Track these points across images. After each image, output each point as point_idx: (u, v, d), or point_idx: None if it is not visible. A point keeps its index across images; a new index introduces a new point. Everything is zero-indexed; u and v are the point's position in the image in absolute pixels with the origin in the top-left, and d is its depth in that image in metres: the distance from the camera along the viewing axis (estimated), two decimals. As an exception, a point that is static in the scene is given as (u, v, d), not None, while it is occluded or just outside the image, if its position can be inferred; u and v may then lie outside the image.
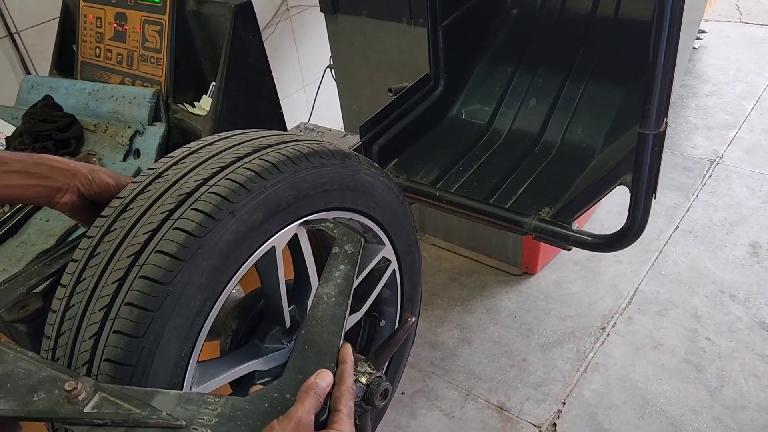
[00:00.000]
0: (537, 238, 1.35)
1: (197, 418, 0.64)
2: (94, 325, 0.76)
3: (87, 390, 0.65)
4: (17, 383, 0.69)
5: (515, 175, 1.53)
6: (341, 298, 0.84)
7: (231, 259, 0.80)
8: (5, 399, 0.67)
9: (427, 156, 1.64)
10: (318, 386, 0.67)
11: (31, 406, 0.66)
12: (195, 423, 0.63)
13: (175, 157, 0.89)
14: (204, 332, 0.81)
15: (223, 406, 0.65)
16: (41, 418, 0.66)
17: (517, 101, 1.70)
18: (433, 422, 2.11)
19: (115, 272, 0.77)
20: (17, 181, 0.88)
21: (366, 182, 1.01)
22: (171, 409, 0.65)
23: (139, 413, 0.64)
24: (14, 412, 0.65)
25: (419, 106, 1.68)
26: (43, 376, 0.69)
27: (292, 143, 0.91)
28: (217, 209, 0.78)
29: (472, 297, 2.62)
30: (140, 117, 1.22)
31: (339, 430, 0.65)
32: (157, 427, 0.63)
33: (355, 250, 0.92)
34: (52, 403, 0.65)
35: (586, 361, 2.25)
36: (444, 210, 1.49)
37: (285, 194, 0.85)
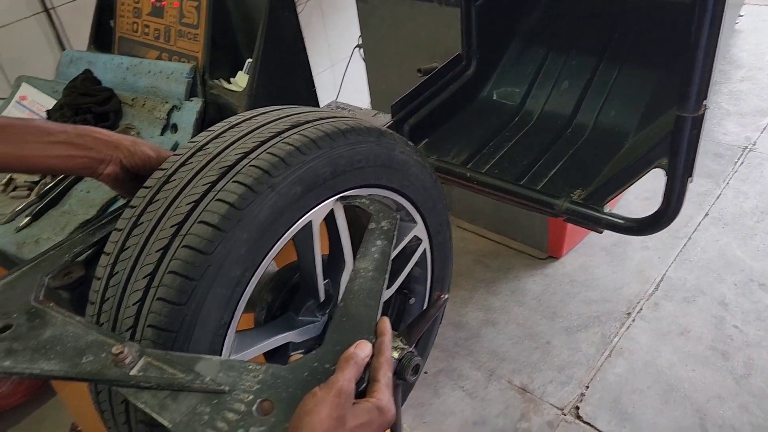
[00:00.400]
0: (568, 220, 1.35)
1: (239, 385, 0.66)
2: (138, 292, 0.78)
3: (133, 354, 0.68)
4: (66, 346, 0.71)
5: (546, 157, 1.52)
6: (378, 273, 0.86)
7: (270, 232, 0.82)
8: (55, 360, 0.69)
9: (457, 136, 1.64)
10: (358, 356, 0.69)
11: (80, 367, 0.68)
12: (237, 389, 0.65)
13: (215, 131, 0.90)
14: (243, 303, 0.83)
15: (264, 373, 0.67)
16: (89, 379, 0.68)
17: (550, 83, 1.68)
18: (456, 401, 2.13)
19: (159, 241, 0.78)
20: (62, 152, 0.90)
21: (401, 160, 1.01)
22: (214, 375, 0.67)
23: (183, 377, 0.66)
24: (65, 372, 0.68)
25: (451, 86, 1.67)
26: (91, 340, 0.72)
27: (329, 119, 0.92)
28: (257, 182, 0.79)
29: (497, 279, 2.63)
30: (177, 92, 1.23)
31: (378, 399, 0.67)
32: (200, 392, 0.65)
33: (392, 227, 0.93)
34: (99, 365, 0.68)
35: (611, 345, 2.25)
36: (474, 191, 1.49)
37: (323, 170, 0.86)
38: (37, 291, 0.83)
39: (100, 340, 0.72)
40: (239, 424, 0.62)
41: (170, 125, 1.23)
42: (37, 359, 0.70)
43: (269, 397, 0.64)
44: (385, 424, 0.67)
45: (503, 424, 2.03)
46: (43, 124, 0.91)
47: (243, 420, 0.62)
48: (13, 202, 1.19)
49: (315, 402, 0.61)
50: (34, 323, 0.76)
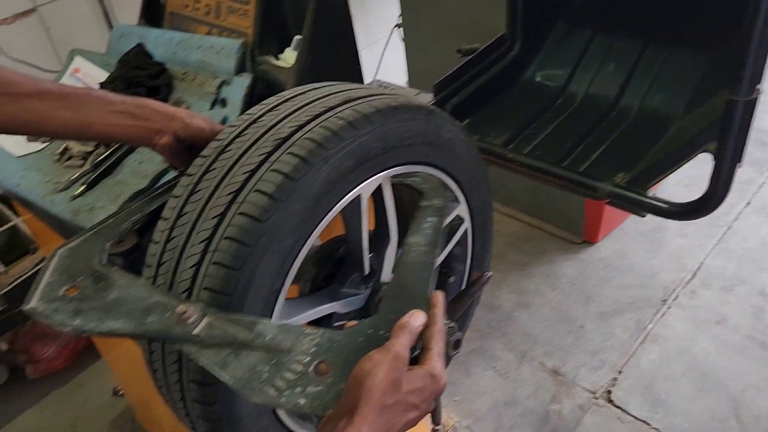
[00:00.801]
0: (611, 203, 1.34)
1: (297, 347, 0.69)
2: (195, 256, 0.81)
3: (196, 314, 0.71)
4: (131, 306, 0.75)
5: (589, 139, 1.51)
6: (430, 248, 0.87)
7: (322, 203, 0.84)
8: (122, 320, 0.73)
9: (499, 117, 1.64)
10: (412, 325, 0.71)
11: (146, 326, 0.72)
12: (294, 350, 0.68)
13: (269, 104, 0.92)
14: (293, 271, 0.85)
15: (321, 336, 0.70)
16: (156, 337, 0.71)
17: (594, 65, 1.67)
18: (487, 381, 2.15)
19: (216, 208, 0.81)
20: (122, 120, 0.93)
21: (448, 139, 1.02)
22: (273, 336, 0.70)
23: (246, 336, 0.69)
24: (132, 330, 0.71)
25: (494, 67, 1.67)
26: (154, 301, 0.75)
27: (380, 96, 0.94)
28: (311, 154, 0.81)
29: (531, 262, 2.63)
30: (227, 67, 1.26)
31: (432, 367, 0.69)
32: (261, 350, 0.67)
33: (443, 204, 0.95)
34: (165, 324, 0.71)
35: (645, 331, 2.24)
36: (515, 172, 1.50)
37: (374, 145, 0.88)
38: (99, 256, 0.86)
39: (163, 301, 0.75)
40: (297, 383, 0.64)
41: (219, 100, 1.26)
42: (104, 319, 0.73)
43: (325, 360, 0.67)
44: (437, 391, 0.69)
45: (534, 405, 2.05)
46: (103, 93, 0.94)
47: (300, 380, 0.65)
48: (68, 171, 1.24)
49: (372, 364, 0.63)
50: (99, 285, 0.79)
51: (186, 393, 0.85)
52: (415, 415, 0.67)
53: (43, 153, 1.30)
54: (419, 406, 0.67)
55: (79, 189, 1.16)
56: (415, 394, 0.65)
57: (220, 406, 0.84)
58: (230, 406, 0.85)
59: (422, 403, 0.67)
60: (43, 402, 2.31)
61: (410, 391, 0.65)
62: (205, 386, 0.82)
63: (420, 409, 0.67)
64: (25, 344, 2.31)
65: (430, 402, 0.69)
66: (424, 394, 0.66)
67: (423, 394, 0.66)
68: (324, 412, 0.64)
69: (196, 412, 0.85)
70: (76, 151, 1.26)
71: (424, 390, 0.66)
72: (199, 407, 0.84)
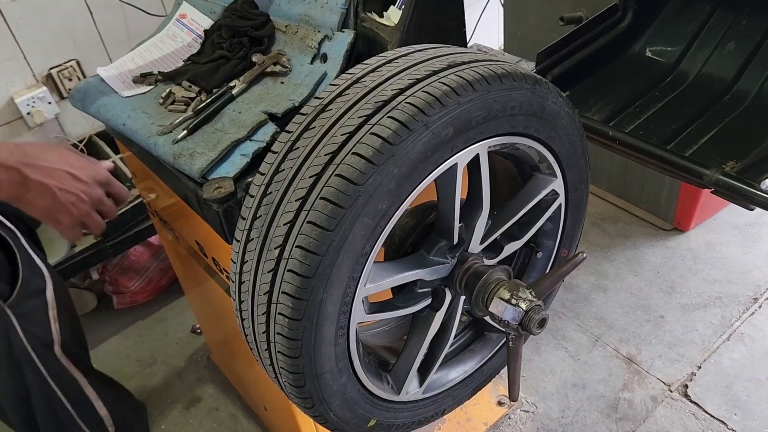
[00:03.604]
0: (716, 192, 1.26)
1: None
2: (290, 214, 0.82)
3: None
4: None
5: (699, 122, 1.42)
6: None
7: (419, 169, 0.83)
8: None
9: (601, 92, 1.56)
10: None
11: None
12: None
13: (371, 65, 0.91)
14: (384, 236, 0.85)
15: None
16: None
17: (712, 43, 1.55)
18: (557, 361, 2.12)
19: (313, 167, 0.81)
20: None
21: (552, 111, 0.99)
22: None
23: None
24: None
25: (601, 37, 1.59)
26: None
27: (485, 62, 0.91)
28: (412, 119, 0.80)
29: (614, 245, 2.54)
30: (330, 22, 1.24)
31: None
32: None
33: None
34: None
35: (731, 329, 2.14)
36: (614, 150, 1.43)
37: (476, 113, 0.86)
38: None
39: None
40: None
41: (320, 55, 1.25)
42: None
43: None
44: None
45: (604, 390, 2.00)
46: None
47: None
48: (171, 115, 1.27)
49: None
50: None
51: (272, 344, 0.87)
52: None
53: (149, 95, 1.34)
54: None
55: (181, 133, 1.19)
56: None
57: (304, 360, 0.86)
58: (313, 360, 0.87)
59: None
60: (127, 331, 2.45)
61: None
62: (291, 340, 0.84)
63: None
64: (113, 276, 2.45)
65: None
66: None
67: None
68: None
69: (281, 363, 0.87)
70: (179, 95, 1.29)
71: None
72: (284, 359, 0.86)
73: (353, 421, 1.00)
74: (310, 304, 0.81)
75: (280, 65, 1.28)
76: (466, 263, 1.02)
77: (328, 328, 0.86)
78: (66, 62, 2.26)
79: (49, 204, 0.87)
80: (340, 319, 0.87)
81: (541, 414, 1.97)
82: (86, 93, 1.40)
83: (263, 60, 1.30)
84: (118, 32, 2.33)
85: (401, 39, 1.16)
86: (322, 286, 0.81)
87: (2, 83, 2.16)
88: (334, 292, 0.83)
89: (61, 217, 0.89)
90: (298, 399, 0.92)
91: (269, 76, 1.28)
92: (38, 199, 0.86)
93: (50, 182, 0.87)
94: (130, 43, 2.31)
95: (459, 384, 1.22)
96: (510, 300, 0.96)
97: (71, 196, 0.89)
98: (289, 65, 1.28)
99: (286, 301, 0.81)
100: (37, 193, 0.85)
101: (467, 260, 1.02)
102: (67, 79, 2.26)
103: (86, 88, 1.41)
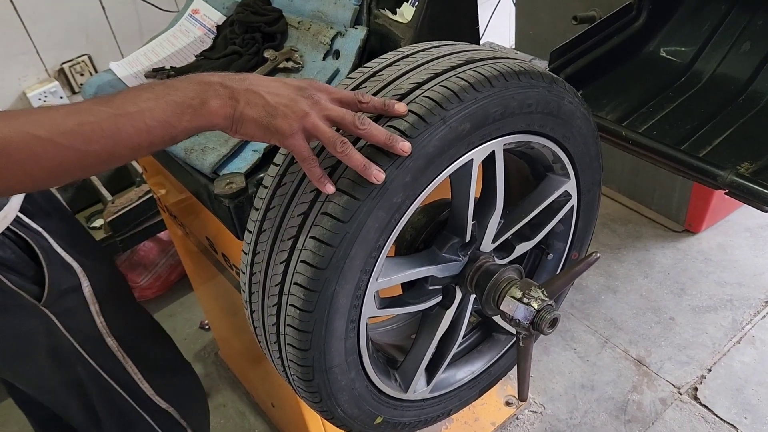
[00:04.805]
0: (730, 194, 1.25)
1: None
2: (304, 205, 0.81)
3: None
4: None
5: (713, 123, 1.41)
6: None
7: (434, 164, 0.82)
8: None
9: (615, 91, 1.55)
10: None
11: None
12: None
13: (389, 59, 0.91)
14: (398, 230, 0.85)
15: None
16: None
17: (727, 43, 1.54)
18: (566, 362, 2.11)
19: (328, 159, 0.81)
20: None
21: (568, 111, 0.98)
22: None
23: None
24: None
25: (615, 37, 1.58)
26: None
27: (502, 59, 0.90)
28: (430, 113, 0.79)
29: (624, 246, 2.52)
30: (343, 18, 1.24)
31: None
32: None
33: None
34: None
35: (742, 332, 2.12)
36: (628, 151, 1.42)
37: (493, 109, 0.85)
38: None
39: None
40: None
41: (333, 51, 1.25)
42: None
43: None
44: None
45: (612, 392, 1.99)
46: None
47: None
48: (183, 110, 1.27)
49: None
50: None
51: (282, 337, 0.87)
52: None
53: (160, 90, 1.34)
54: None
55: (192, 129, 1.19)
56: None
57: (314, 353, 0.86)
58: (323, 354, 0.87)
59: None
60: (136, 326, 2.46)
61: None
62: (301, 332, 0.84)
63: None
64: (122, 271, 2.46)
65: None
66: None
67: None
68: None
69: (290, 356, 0.87)
70: (190, 91, 1.29)
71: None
72: (293, 351, 0.86)
73: (360, 417, 1.00)
74: (322, 295, 0.81)
75: (293, 61, 1.28)
76: (478, 261, 1.01)
77: (339, 321, 0.85)
78: (78, 57, 2.26)
79: (261, 112, 0.75)
80: (351, 313, 0.86)
81: (549, 415, 1.96)
82: (99, 87, 1.40)
83: (275, 56, 1.29)
84: (130, 27, 2.33)
85: (414, 36, 1.16)
86: (334, 278, 0.80)
87: (15, 77, 2.17)
88: (346, 284, 0.82)
89: (278, 124, 0.75)
90: (306, 393, 0.92)
91: (281, 72, 1.28)
92: (249, 110, 0.75)
93: (258, 88, 0.76)
94: (142, 38, 2.31)
95: (466, 385, 1.22)
96: (522, 299, 0.95)
97: (283, 98, 0.76)
98: (302, 61, 1.27)
99: (298, 292, 0.81)
100: (245, 103, 0.75)
101: (479, 258, 1.01)
102: (78, 74, 2.27)
103: (99, 83, 1.42)
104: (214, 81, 0.75)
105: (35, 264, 1.17)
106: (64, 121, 0.67)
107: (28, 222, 1.18)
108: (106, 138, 0.68)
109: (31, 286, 1.16)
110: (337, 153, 0.76)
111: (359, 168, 0.76)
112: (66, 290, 1.21)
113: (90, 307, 1.25)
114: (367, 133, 0.77)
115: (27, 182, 0.68)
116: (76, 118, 0.68)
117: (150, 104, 0.71)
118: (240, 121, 0.76)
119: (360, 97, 0.80)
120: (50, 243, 1.19)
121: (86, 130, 0.67)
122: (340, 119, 0.77)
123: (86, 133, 0.67)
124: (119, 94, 0.72)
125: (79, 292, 1.23)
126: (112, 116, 0.69)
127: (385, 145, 0.76)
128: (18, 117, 0.67)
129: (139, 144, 0.71)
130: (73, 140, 0.67)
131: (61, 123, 0.67)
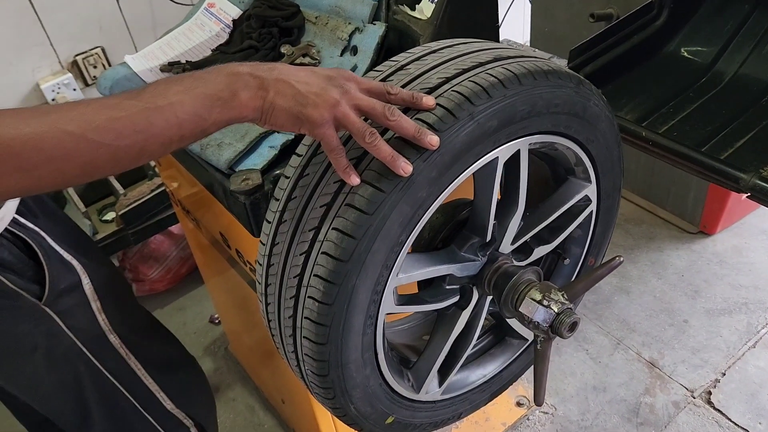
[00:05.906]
0: (752, 197, 1.23)
1: None
2: (327, 196, 0.80)
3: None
4: None
5: (735, 125, 1.39)
6: None
7: (460, 160, 0.81)
8: None
9: (634, 91, 1.53)
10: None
11: None
12: None
13: (416, 53, 0.89)
14: (421, 225, 0.83)
15: None
16: None
17: (750, 43, 1.52)
18: (578, 363, 2.09)
19: (354, 150, 0.80)
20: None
21: (593, 113, 0.96)
22: None
23: None
24: None
25: (635, 36, 1.55)
26: None
27: (530, 58, 0.89)
28: (458, 108, 0.78)
29: (638, 247, 2.50)
30: (361, 14, 1.23)
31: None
32: None
33: None
34: None
35: (757, 336, 2.10)
36: (647, 152, 1.40)
37: (521, 107, 0.84)
38: None
39: None
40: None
41: (350, 47, 1.23)
42: None
43: None
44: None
45: (625, 394, 1.98)
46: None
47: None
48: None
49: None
50: None
51: (298, 330, 0.86)
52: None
53: (177, 84, 1.33)
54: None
55: (208, 123, 1.18)
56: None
57: (330, 347, 0.84)
58: (339, 348, 0.85)
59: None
60: (146, 319, 2.46)
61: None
62: (319, 325, 0.82)
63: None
64: (133, 263, 2.45)
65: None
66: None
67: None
68: None
69: (306, 350, 0.86)
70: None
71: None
72: (310, 345, 0.84)
73: (372, 416, 0.99)
74: (342, 289, 0.79)
75: (310, 57, 1.26)
76: (497, 262, 1.00)
77: (357, 316, 0.84)
78: (91, 49, 2.26)
79: (291, 102, 0.74)
80: (370, 308, 0.85)
81: (560, 416, 1.94)
82: (115, 81, 1.39)
83: (292, 51, 1.28)
84: (143, 20, 2.32)
85: (434, 33, 1.15)
86: (355, 271, 0.79)
87: (29, 69, 2.16)
88: (367, 279, 0.81)
89: (309, 113, 0.74)
90: (320, 389, 0.90)
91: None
92: (279, 99, 0.74)
93: (288, 78, 0.75)
94: (156, 31, 2.31)
95: (477, 388, 1.20)
96: (542, 301, 0.94)
97: (313, 87, 0.75)
98: (319, 57, 1.26)
99: (318, 285, 0.79)
100: (275, 93, 0.74)
101: (497, 259, 1.00)
102: (92, 66, 2.27)
103: (115, 77, 1.41)
104: (244, 71, 0.74)
105: (34, 263, 1.16)
106: (95, 116, 0.66)
107: (25, 222, 1.16)
108: (138, 132, 0.67)
109: (31, 286, 1.14)
110: (366, 143, 0.75)
111: (387, 159, 0.75)
112: (66, 288, 1.19)
113: (91, 305, 1.23)
114: (397, 125, 0.75)
115: (58, 179, 0.67)
116: (106, 113, 0.66)
117: (180, 97, 0.70)
118: (270, 111, 0.75)
119: (389, 88, 0.78)
120: (48, 241, 1.18)
121: (117, 125, 0.66)
122: (370, 109, 0.76)
123: (117, 128, 0.66)
124: (148, 87, 0.71)
125: (80, 290, 1.22)
126: (142, 110, 0.68)
127: (414, 138, 0.75)
128: (49, 113, 0.65)
129: (170, 138, 0.70)
130: (104, 135, 0.66)
131: (92, 118, 0.66)
